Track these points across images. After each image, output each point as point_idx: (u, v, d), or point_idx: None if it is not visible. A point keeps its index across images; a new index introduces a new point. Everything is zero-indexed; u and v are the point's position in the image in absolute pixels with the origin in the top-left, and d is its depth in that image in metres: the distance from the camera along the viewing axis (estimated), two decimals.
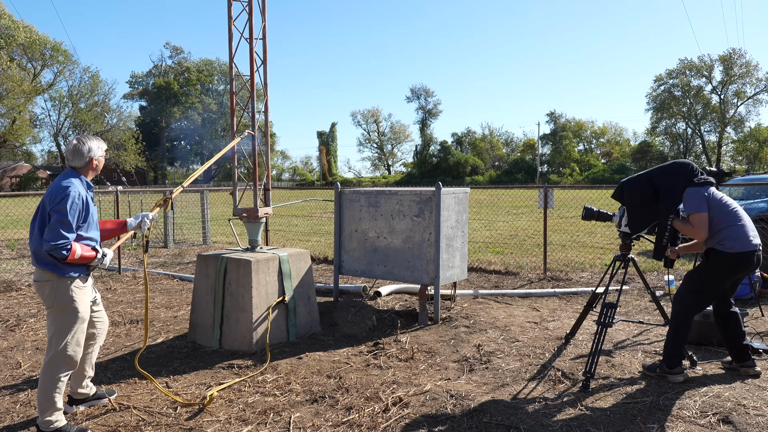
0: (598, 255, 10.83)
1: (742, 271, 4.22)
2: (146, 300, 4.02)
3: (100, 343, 3.96)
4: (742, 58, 66.72)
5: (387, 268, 6.30)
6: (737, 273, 4.23)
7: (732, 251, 4.11)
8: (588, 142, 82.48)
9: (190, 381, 4.47)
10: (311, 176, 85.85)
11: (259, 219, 5.73)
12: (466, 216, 6.36)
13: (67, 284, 3.52)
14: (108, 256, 3.70)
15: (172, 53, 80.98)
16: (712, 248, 4.20)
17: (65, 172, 3.64)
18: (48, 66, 60.66)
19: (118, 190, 10.19)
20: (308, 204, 25.05)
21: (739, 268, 4.18)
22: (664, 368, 4.29)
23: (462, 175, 71.81)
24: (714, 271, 4.21)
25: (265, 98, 5.96)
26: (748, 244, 4.13)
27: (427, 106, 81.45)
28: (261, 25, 5.77)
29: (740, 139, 68.67)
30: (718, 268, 4.19)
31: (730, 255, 4.11)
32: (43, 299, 3.57)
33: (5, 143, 56.51)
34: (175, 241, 14.08)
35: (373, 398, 4.04)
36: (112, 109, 65.12)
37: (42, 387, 3.52)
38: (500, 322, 6.04)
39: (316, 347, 5.25)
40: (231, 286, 5.26)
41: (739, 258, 4.12)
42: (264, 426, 3.66)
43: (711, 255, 4.21)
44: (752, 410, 3.74)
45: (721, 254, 4.14)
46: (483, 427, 3.59)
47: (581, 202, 20.01)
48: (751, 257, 4.14)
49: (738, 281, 4.39)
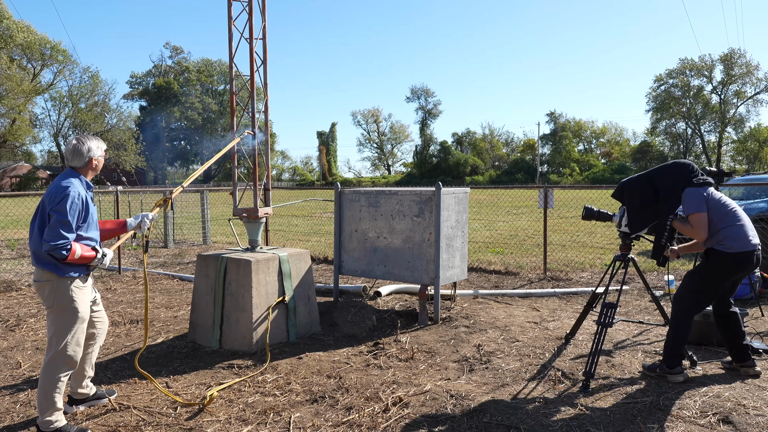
0: (598, 255, 10.83)
1: (742, 270, 4.22)
2: (146, 300, 4.02)
3: (100, 343, 3.96)
4: (743, 58, 66.79)
5: (387, 268, 6.30)
6: (737, 273, 4.24)
7: (731, 251, 4.11)
8: (588, 142, 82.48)
9: (190, 381, 4.47)
10: (311, 176, 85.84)
11: (259, 219, 5.73)
12: (466, 216, 6.36)
13: (67, 284, 3.52)
14: (108, 256, 3.70)
15: (172, 53, 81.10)
16: (711, 248, 4.21)
17: (65, 172, 3.64)
18: (48, 66, 60.67)
19: (118, 190, 10.19)
20: (308, 204, 25.05)
21: (739, 267, 4.19)
22: (664, 368, 4.29)
23: (462, 175, 71.81)
24: (714, 270, 4.21)
25: (265, 98, 5.96)
26: (747, 243, 4.13)
27: (427, 106, 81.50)
28: (261, 25, 5.77)
29: (740, 139, 68.68)
30: (717, 268, 4.19)
31: (729, 255, 4.12)
32: (43, 299, 3.57)
33: (5, 143, 56.50)
34: (175, 241, 14.08)
35: (373, 398, 4.04)
36: (112, 109, 65.14)
37: (42, 387, 3.52)
38: (500, 322, 6.04)
39: (316, 347, 5.25)
40: (231, 286, 5.26)
41: (739, 258, 4.13)
42: (264, 426, 3.66)
43: (711, 255, 4.21)
44: (752, 410, 3.74)
45: (721, 254, 4.14)
46: (483, 427, 3.59)
47: (581, 202, 20.02)
48: (750, 257, 4.15)
49: (737, 281, 4.39)
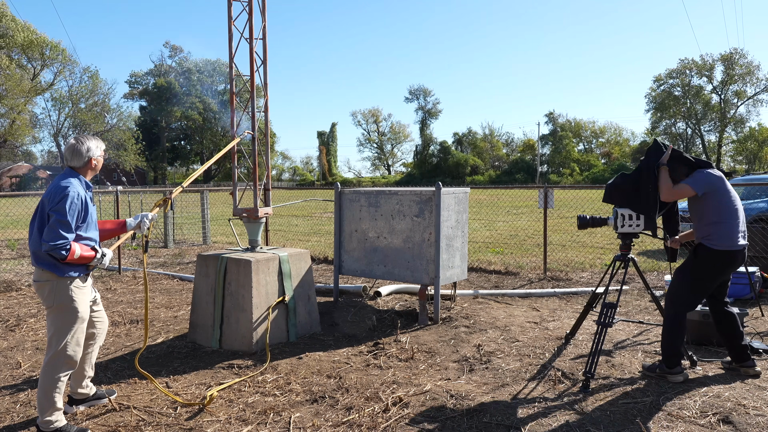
0: (598, 255, 10.83)
1: (728, 268, 4.28)
2: (146, 300, 4.02)
3: (99, 343, 3.96)
4: (744, 58, 66.81)
5: (387, 268, 6.30)
6: (724, 270, 4.29)
7: (718, 248, 4.18)
8: (588, 142, 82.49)
9: (190, 381, 4.47)
10: (311, 176, 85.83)
11: (259, 219, 5.73)
12: (466, 216, 6.36)
13: (66, 284, 3.52)
14: (107, 256, 3.69)
15: (172, 53, 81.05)
16: (700, 243, 4.25)
17: (64, 172, 3.63)
18: (48, 66, 60.68)
19: (118, 190, 10.19)
20: (308, 204, 25.05)
21: (726, 265, 4.25)
22: (664, 368, 4.30)
23: (462, 175, 71.80)
24: (702, 266, 4.26)
25: (265, 98, 5.96)
26: (734, 244, 4.20)
27: (426, 106, 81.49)
28: (261, 25, 5.77)
29: (740, 139, 68.68)
30: (706, 264, 4.25)
31: (716, 252, 4.18)
32: (43, 299, 3.57)
33: (5, 143, 56.48)
34: (175, 241, 14.08)
35: (373, 398, 4.04)
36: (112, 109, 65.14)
37: (42, 387, 3.52)
38: (500, 322, 6.04)
39: (316, 347, 5.25)
40: (231, 286, 5.26)
41: (725, 256, 4.19)
42: (264, 426, 3.66)
43: (699, 251, 4.27)
44: (752, 410, 3.74)
45: (708, 250, 4.21)
46: (483, 427, 3.59)
47: (581, 202, 20.01)
48: (735, 256, 4.22)
49: (726, 279, 4.43)
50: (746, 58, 66.81)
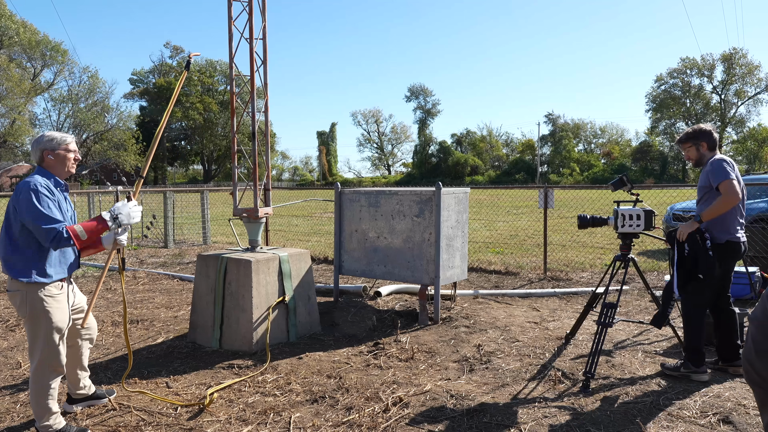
0: (598, 255, 10.83)
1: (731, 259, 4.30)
2: (125, 321, 4.01)
3: (89, 345, 3.89)
4: (744, 58, 66.79)
5: (387, 268, 6.30)
6: (726, 260, 4.29)
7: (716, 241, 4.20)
8: (588, 142, 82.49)
9: (190, 381, 4.47)
10: (311, 176, 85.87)
11: (259, 219, 5.73)
12: (466, 216, 6.36)
13: (37, 293, 3.35)
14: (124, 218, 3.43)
15: (172, 53, 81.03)
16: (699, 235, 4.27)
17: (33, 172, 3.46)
18: (48, 66, 60.70)
19: (118, 190, 10.18)
20: (308, 204, 25.04)
21: (727, 255, 4.26)
22: (689, 366, 4.28)
23: (462, 175, 71.81)
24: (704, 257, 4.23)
25: (265, 98, 5.96)
26: (732, 236, 4.23)
27: (426, 106, 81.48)
28: (261, 25, 5.77)
29: (740, 139, 68.66)
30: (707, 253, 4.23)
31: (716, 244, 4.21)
32: (16, 309, 3.41)
33: (5, 143, 56.49)
34: (175, 241, 14.08)
35: (373, 398, 4.04)
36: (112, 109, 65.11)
37: (33, 396, 3.44)
38: (500, 322, 6.04)
39: (316, 347, 5.25)
40: (231, 286, 5.26)
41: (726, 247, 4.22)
42: (264, 426, 3.66)
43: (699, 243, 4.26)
44: (752, 410, 3.74)
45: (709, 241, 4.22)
46: (483, 427, 3.59)
47: (581, 202, 20.01)
48: (736, 247, 4.24)
49: (728, 271, 4.42)
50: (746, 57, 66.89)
